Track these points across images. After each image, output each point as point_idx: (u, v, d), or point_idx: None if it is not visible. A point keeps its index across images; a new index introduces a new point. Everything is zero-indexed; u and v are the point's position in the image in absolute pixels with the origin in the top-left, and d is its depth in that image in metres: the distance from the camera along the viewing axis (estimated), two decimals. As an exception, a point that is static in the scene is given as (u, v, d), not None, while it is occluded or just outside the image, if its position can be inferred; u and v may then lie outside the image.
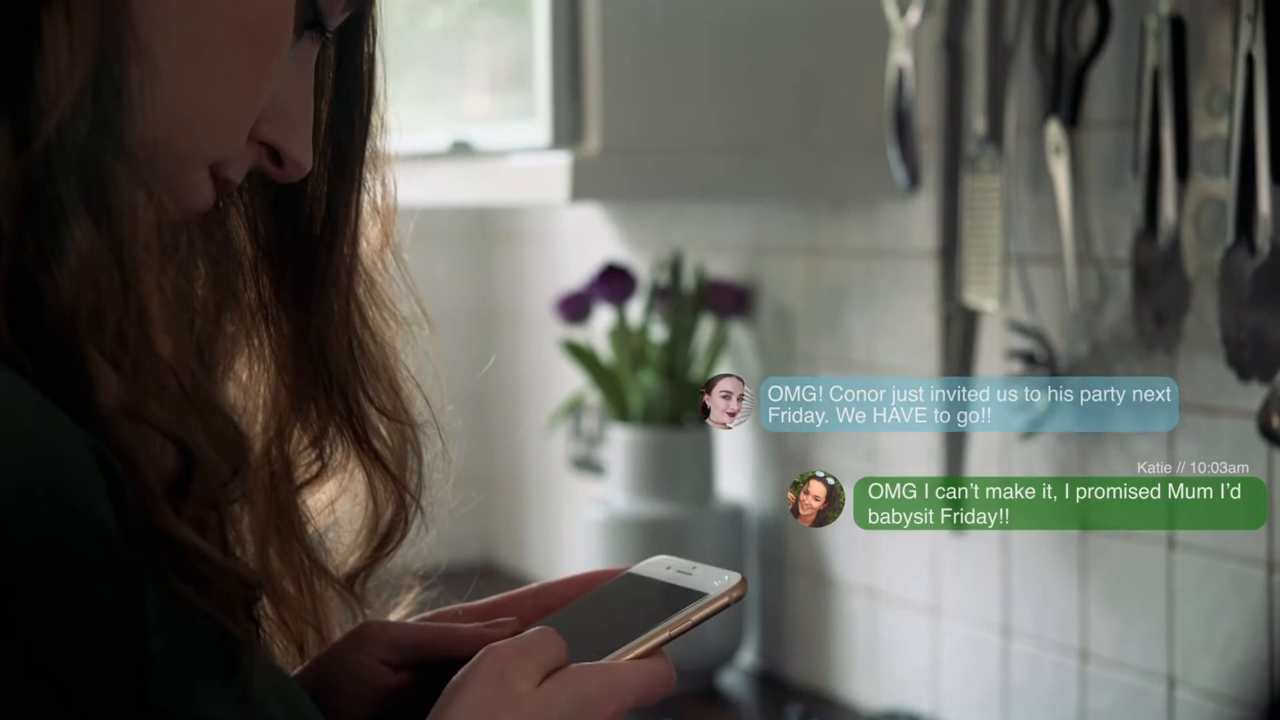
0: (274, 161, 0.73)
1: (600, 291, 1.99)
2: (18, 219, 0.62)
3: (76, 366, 0.62)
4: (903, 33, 1.53)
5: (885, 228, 1.72)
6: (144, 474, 0.62)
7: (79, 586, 0.59)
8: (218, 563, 0.64)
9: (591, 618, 0.77)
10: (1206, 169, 1.30)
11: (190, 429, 0.64)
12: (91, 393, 0.62)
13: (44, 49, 0.63)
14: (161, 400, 0.64)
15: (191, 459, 0.64)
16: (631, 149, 1.65)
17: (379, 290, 0.80)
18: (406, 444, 0.79)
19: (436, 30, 1.95)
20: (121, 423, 0.62)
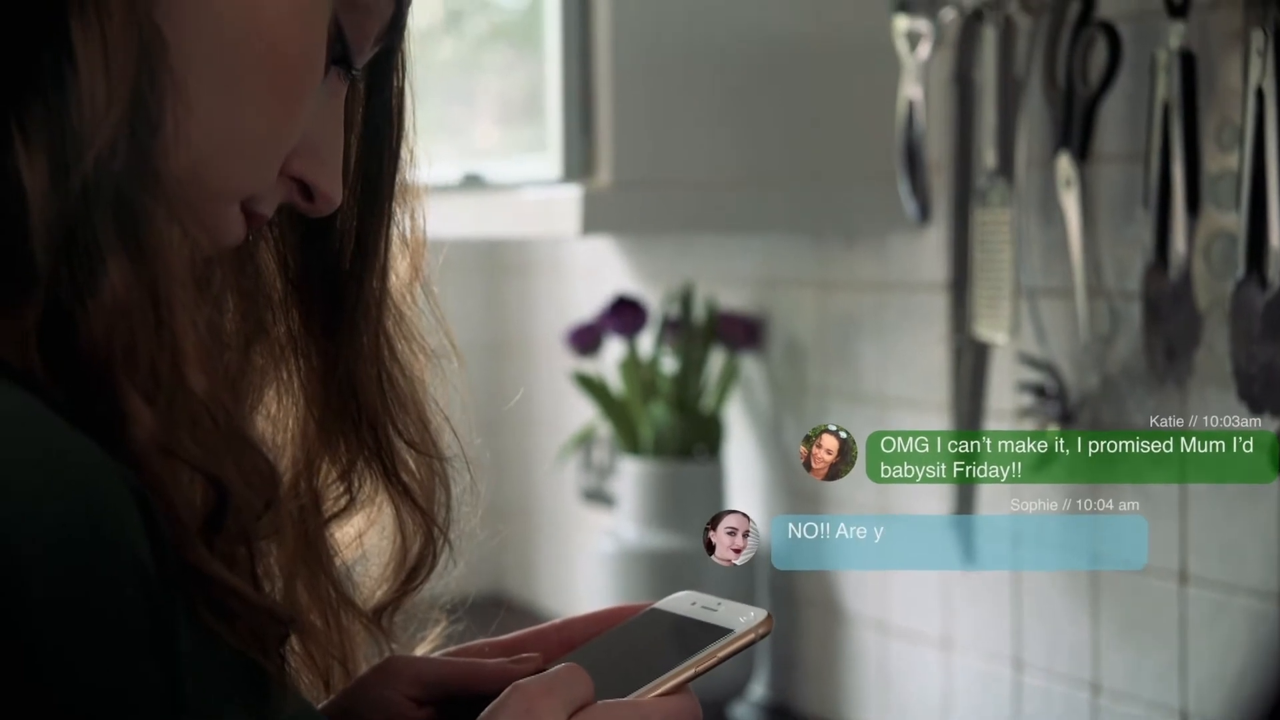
0: (305, 196, 0.73)
1: (611, 324, 2.00)
2: (54, 255, 0.63)
3: (111, 402, 0.62)
4: (913, 67, 1.54)
5: (896, 260, 1.72)
6: (177, 509, 0.63)
7: (115, 622, 0.59)
8: (250, 598, 0.64)
9: (616, 654, 0.77)
10: (1217, 202, 1.31)
11: (223, 464, 0.65)
12: (125, 428, 0.62)
13: (80, 86, 0.64)
14: (195, 435, 0.64)
15: (225, 494, 0.64)
16: (642, 182, 1.65)
17: (408, 323, 0.80)
18: (435, 477, 0.80)
19: (447, 62, 1.96)
20: (155, 458, 0.62)
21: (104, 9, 0.65)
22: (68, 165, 0.63)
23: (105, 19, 0.64)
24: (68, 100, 0.64)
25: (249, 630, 0.65)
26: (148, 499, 0.61)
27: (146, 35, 0.65)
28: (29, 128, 0.63)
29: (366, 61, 0.75)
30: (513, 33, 1.92)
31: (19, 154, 0.63)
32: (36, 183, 0.63)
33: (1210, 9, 1.33)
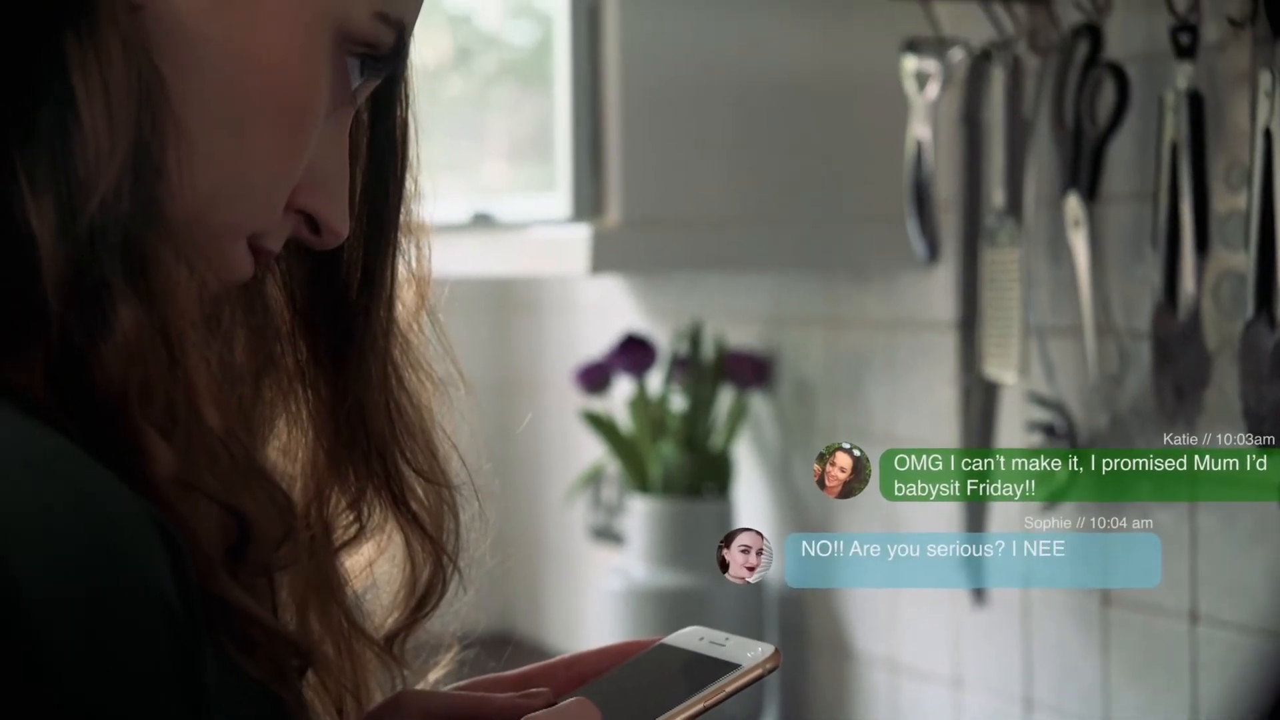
0: (312, 230, 0.74)
1: (620, 362, 2.00)
2: (65, 298, 0.63)
3: (128, 439, 0.63)
4: (921, 106, 1.54)
5: (905, 299, 1.73)
6: (201, 541, 0.63)
7: (140, 655, 0.59)
8: (272, 628, 0.65)
9: (625, 689, 0.77)
10: (1226, 242, 1.31)
11: (242, 497, 0.65)
12: (144, 465, 0.63)
13: (83, 131, 0.64)
14: (213, 470, 0.64)
15: (246, 526, 0.65)
16: (652, 221, 1.66)
17: (415, 352, 0.80)
18: (443, 505, 0.80)
19: (456, 99, 1.97)
20: (175, 493, 0.63)
21: (102, 54, 0.65)
22: (74, 210, 0.63)
23: (104, 63, 0.65)
24: (71, 145, 0.64)
25: (270, 660, 0.65)
26: (171, 533, 0.61)
27: (146, 77, 0.66)
28: (34, 173, 0.64)
29: (370, 92, 0.75)
30: (522, 70, 1.93)
31: (26, 199, 0.63)
32: (44, 228, 0.63)
33: (1218, 50, 1.33)
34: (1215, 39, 1.33)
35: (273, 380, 0.78)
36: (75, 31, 0.65)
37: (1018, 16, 1.49)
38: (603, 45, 1.65)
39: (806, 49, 1.68)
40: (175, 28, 0.67)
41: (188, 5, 0.68)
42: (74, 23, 0.65)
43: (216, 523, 0.65)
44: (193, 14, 0.68)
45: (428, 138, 0.81)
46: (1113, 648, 1.49)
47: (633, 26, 1.64)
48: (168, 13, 0.67)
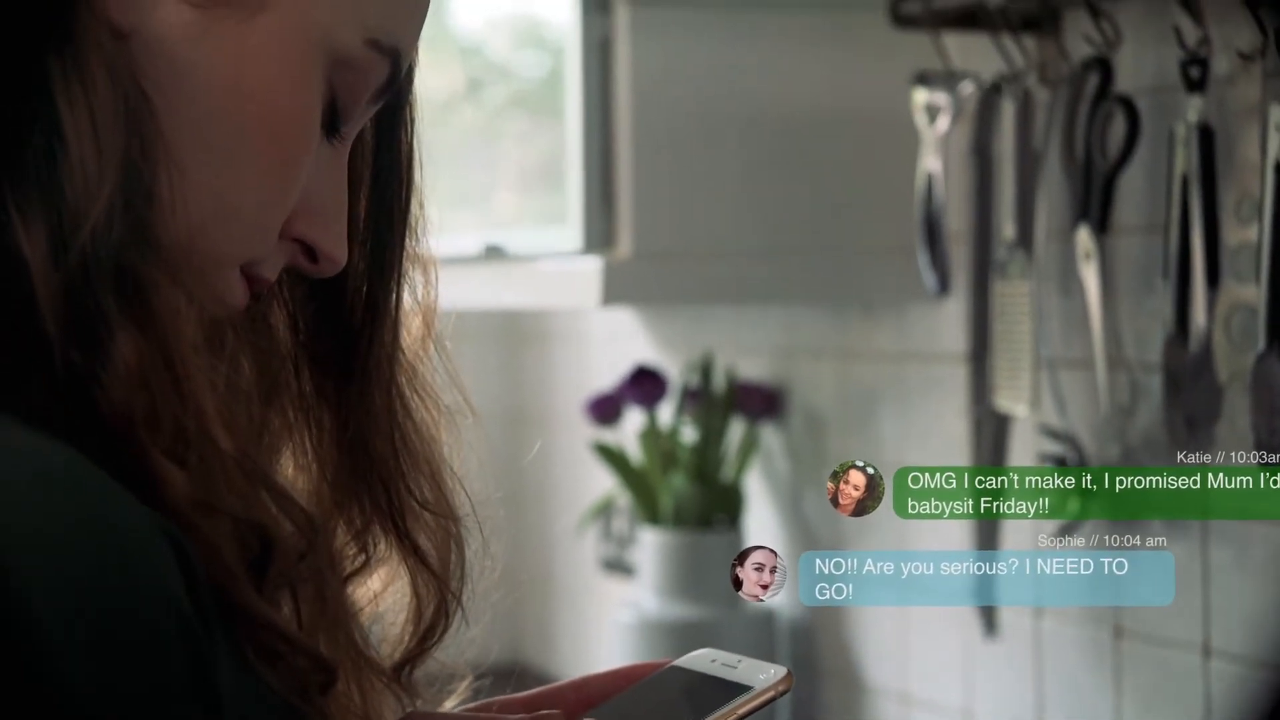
0: (309, 258, 0.73)
1: (631, 394, 2.00)
2: (62, 326, 0.63)
3: (140, 467, 0.63)
4: (932, 139, 1.54)
5: (916, 331, 1.72)
6: (224, 557, 0.63)
7: (152, 662, 0.59)
8: (297, 641, 0.65)
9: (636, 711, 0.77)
10: (1237, 275, 1.31)
11: (263, 512, 0.65)
12: (159, 489, 0.62)
13: (71, 157, 0.64)
14: (230, 489, 0.64)
15: (269, 540, 0.65)
16: (663, 253, 1.66)
17: (421, 381, 0.79)
18: (449, 539, 0.79)
19: (466, 130, 1.98)
20: (194, 514, 0.63)
21: (87, 80, 0.64)
22: (66, 237, 0.63)
23: (89, 90, 0.64)
24: (59, 172, 0.64)
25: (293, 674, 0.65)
26: (182, 542, 0.61)
27: (134, 104, 0.65)
28: (24, 202, 0.63)
29: (373, 118, 0.75)
30: (532, 102, 1.93)
31: (17, 228, 0.63)
32: (37, 256, 0.63)
33: (1228, 83, 1.33)
34: (1225, 72, 1.33)
35: (278, 408, 0.77)
36: (59, 58, 0.64)
37: (1028, 50, 1.49)
38: (614, 78, 1.66)
39: (817, 82, 1.68)
40: (163, 55, 0.67)
41: (176, 33, 0.67)
42: (58, 49, 0.64)
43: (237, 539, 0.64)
44: (181, 42, 0.67)
45: (438, 169, 0.80)
46: (1125, 680, 1.48)
47: (644, 59, 1.65)
48: (155, 40, 0.67)
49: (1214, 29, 1.31)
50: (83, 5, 0.65)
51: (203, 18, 0.67)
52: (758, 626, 1.90)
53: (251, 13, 0.68)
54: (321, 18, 0.69)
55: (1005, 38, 1.48)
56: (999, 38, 1.48)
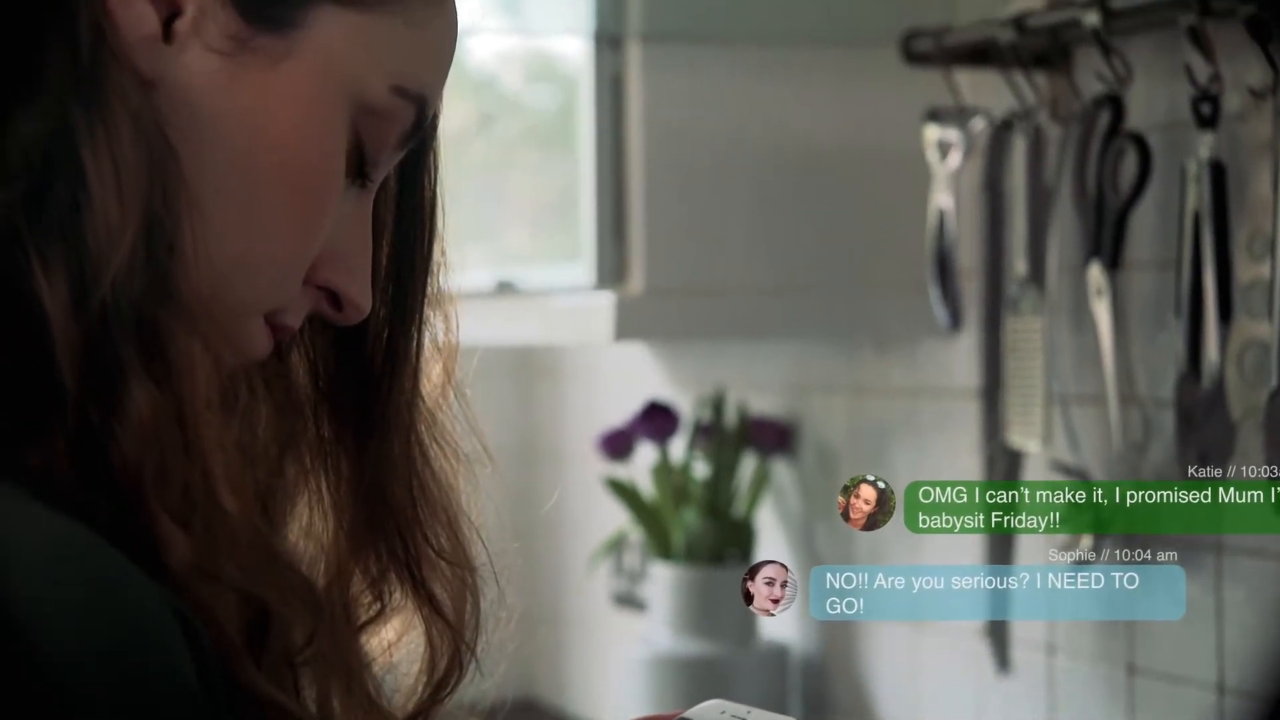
0: (334, 305, 0.73)
1: (643, 429, 2.00)
2: (79, 378, 0.62)
3: (146, 526, 0.62)
4: (944, 175, 1.55)
5: (927, 367, 1.72)
6: (224, 629, 0.62)
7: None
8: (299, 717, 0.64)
9: None
10: (1249, 311, 1.31)
11: (263, 584, 0.64)
12: (162, 552, 0.62)
13: (94, 207, 0.63)
14: (232, 557, 0.64)
15: (267, 614, 0.64)
16: (675, 289, 1.66)
17: (441, 428, 0.79)
18: (465, 589, 0.78)
19: (478, 164, 1.98)
20: (194, 580, 0.62)
21: (112, 130, 0.64)
22: (87, 288, 0.63)
23: (114, 140, 0.64)
24: (82, 222, 0.63)
25: None
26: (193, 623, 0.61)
27: (158, 154, 0.65)
28: (46, 252, 0.63)
29: (397, 164, 0.74)
30: (544, 135, 1.94)
31: (38, 278, 0.63)
32: (57, 307, 0.62)
33: (1239, 120, 1.33)
34: (1236, 109, 1.33)
35: (295, 457, 0.77)
36: (85, 107, 0.64)
37: (1039, 86, 1.49)
38: (626, 114, 1.66)
39: (829, 118, 1.69)
40: (188, 104, 0.67)
41: (201, 82, 0.67)
42: (84, 98, 0.64)
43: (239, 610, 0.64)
44: (206, 91, 0.67)
45: (450, 203, 0.80)
46: (1138, 718, 1.48)
47: (656, 95, 1.65)
48: (180, 89, 0.67)
49: (1225, 66, 1.31)
50: (109, 54, 0.65)
51: (228, 65, 0.68)
52: (770, 663, 1.89)
53: (276, 60, 0.68)
54: (347, 65, 0.69)
55: (1017, 74, 1.48)
56: (1010, 74, 1.49)
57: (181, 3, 0.67)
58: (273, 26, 0.68)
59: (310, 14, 0.69)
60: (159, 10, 0.67)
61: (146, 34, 0.67)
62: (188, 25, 0.67)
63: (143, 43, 0.67)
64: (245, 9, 0.68)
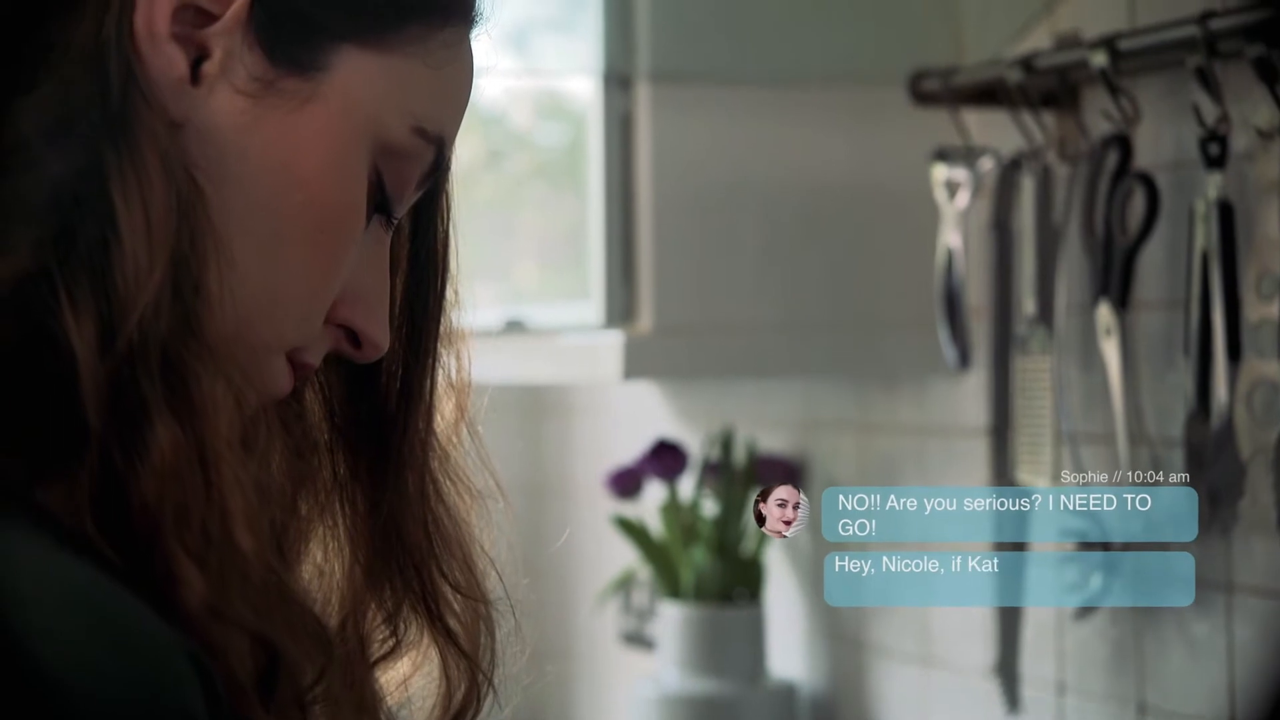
0: (353, 343, 0.74)
1: (652, 467, 2.00)
2: (104, 417, 0.63)
3: (162, 564, 0.63)
4: (952, 214, 1.55)
5: (936, 405, 1.73)
6: (234, 671, 0.63)
7: None
8: None
9: None
10: (1258, 351, 1.31)
11: (274, 626, 0.65)
12: (177, 591, 0.63)
13: (123, 247, 0.64)
14: (245, 597, 0.64)
15: (277, 658, 0.65)
16: (684, 328, 1.67)
17: (453, 465, 0.80)
18: (479, 621, 0.79)
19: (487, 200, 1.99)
20: (207, 621, 0.63)
21: (142, 171, 0.65)
22: (114, 327, 0.64)
23: (144, 181, 0.65)
24: (111, 262, 0.64)
25: None
26: (207, 667, 0.61)
27: (185, 194, 0.66)
28: (74, 291, 0.64)
29: (410, 205, 0.76)
30: (552, 172, 1.95)
31: (66, 317, 0.63)
32: (84, 346, 0.63)
33: (1247, 160, 1.34)
34: (1244, 149, 1.34)
35: (310, 494, 0.77)
36: (115, 148, 0.65)
37: (1047, 126, 1.50)
38: (635, 154, 1.67)
39: (838, 157, 1.69)
40: (215, 144, 0.68)
41: (228, 122, 0.68)
42: (114, 141, 0.65)
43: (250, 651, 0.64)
44: (233, 130, 0.68)
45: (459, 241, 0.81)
46: (1149, 758, 1.47)
47: (665, 135, 1.66)
48: (208, 130, 0.68)
49: (1232, 106, 1.31)
50: (139, 97, 0.66)
51: (255, 106, 0.69)
52: (778, 702, 1.89)
53: (302, 102, 0.69)
54: (370, 106, 0.71)
55: (1024, 114, 1.49)
56: (1018, 114, 1.49)
57: (209, 46, 0.68)
58: (298, 69, 0.69)
59: (334, 56, 0.70)
60: (187, 53, 0.68)
61: (175, 77, 0.68)
62: (215, 68, 0.68)
63: (171, 85, 0.68)
64: (271, 52, 0.69)
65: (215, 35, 0.68)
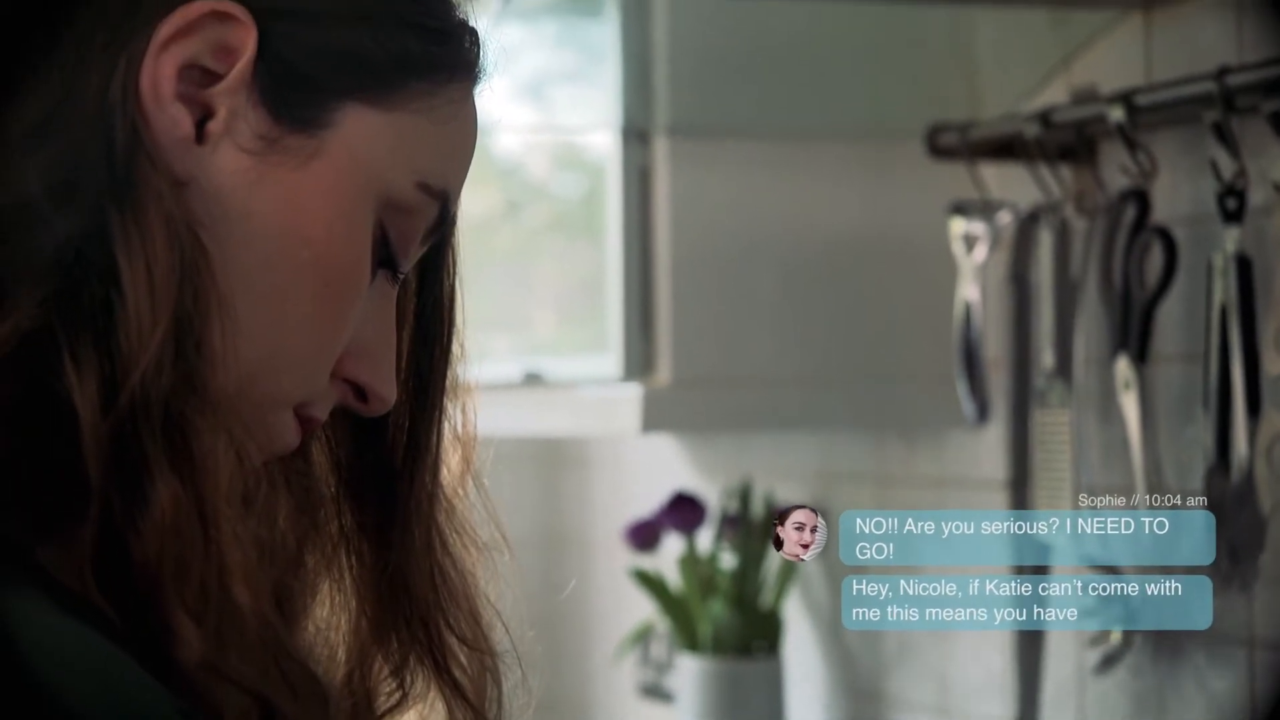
0: (359, 398, 0.74)
1: (670, 520, 2.00)
2: (105, 474, 0.63)
3: (160, 621, 0.63)
4: (970, 268, 1.55)
5: (955, 458, 1.72)
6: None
7: None
8: None
9: None
10: (1278, 404, 1.31)
11: (273, 685, 0.64)
12: (175, 648, 0.62)
13: (127, 307, 0.64)
14: (242, 653, 0.64)
15: (273, 716, 0.64)
16: (702, 380, 1.67)
17: (459, 517, 0.80)
18: (486, 673, 0.79)
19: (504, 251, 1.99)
20: (205, 678, 0.63)
21: (146, 231, 0.65)
22: (116, 385, 0.64)
23: (148, 240, 0.65)
24: (114, 321, 0.64)
25: None
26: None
27: (189, 253, 0.66)
28: (78, 349, 0.64)
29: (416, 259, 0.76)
30: (570, 223, 1.95)
31: (69, 375, 0.63)
32: (86, 404, 0.63)
33: (1264, 214, 1.34)
34: (1261, 203, 1.34)
35: (316, 547, 0.77)
36: (119, 209, 0.65)
37: (1064, 180, 1.50)
38: (653, 208, 1.67)
39: (855, 211, 1.70)
40: (219, 203, 0.68)
41: (233, 180, 0.68)
42: (118, 201, 0.66)
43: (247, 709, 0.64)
44: (237, 189, 0.68)
45: (476, 291, 0.81)
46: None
47: (683, 189, 1.67)
48: (212, 189, 0.68)
49: (1250, 161, 1.32)
50: (144, 156, 0.67)
51: (259, 164, 0.69)
52: (797, 756, 1.88)
53: (306, 159, 0.69)
54: (374, 163, 0.71)
55: (1042, 168, 1.49)
56: (1035, 168, 1.49)
57: (214, 105, 0.69)
58: (302, 126, 0.69)
59: (338, 114, 0.70)
60: (192, 112, 0.68)
61: (180, 136, 0.68)
62: (220, 126, 0.68)
63: (176, 145, 0.68)
64: (276, 110, 0.69)
65: (220, 94, 0.68)
